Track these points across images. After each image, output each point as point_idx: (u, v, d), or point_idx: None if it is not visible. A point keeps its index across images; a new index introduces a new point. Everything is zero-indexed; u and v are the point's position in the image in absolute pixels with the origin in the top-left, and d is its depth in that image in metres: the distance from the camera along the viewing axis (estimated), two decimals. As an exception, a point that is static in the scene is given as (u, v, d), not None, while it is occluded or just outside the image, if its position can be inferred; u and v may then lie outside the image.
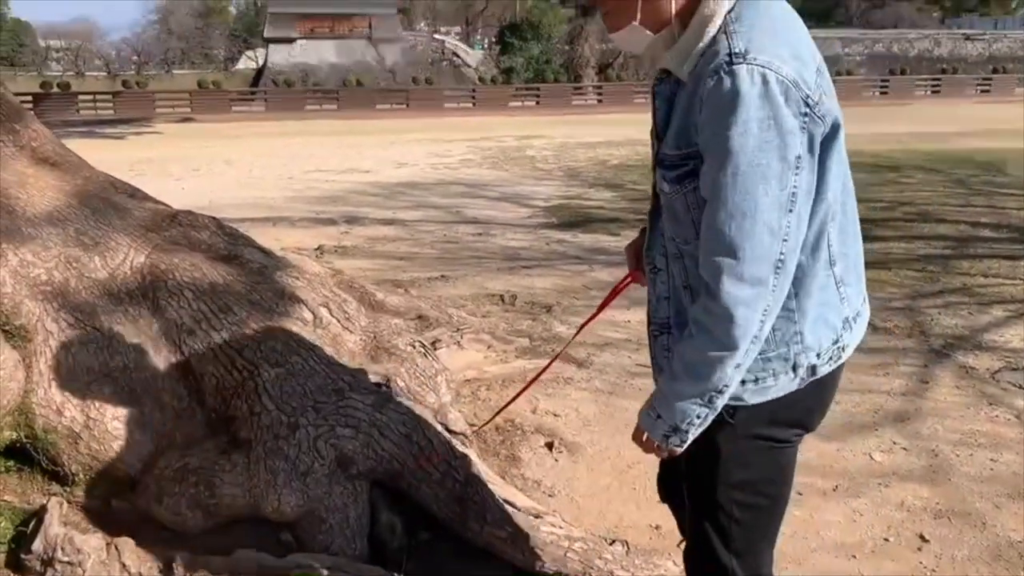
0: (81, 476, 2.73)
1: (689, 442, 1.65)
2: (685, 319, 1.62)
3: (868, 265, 1.80)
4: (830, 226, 1.59)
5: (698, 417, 1.60)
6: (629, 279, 1.96)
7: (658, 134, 1.65)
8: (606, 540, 2.85)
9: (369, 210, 10.01)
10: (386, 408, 2.78)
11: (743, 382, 1.64)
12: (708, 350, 1.53)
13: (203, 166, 14.71)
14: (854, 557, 3.06)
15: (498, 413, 2.80)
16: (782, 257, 1.47)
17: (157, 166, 14.51)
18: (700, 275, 1.54)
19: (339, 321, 3.17)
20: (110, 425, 2.72)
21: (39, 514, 2.56)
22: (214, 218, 3.43)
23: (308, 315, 3.07)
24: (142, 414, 2.78)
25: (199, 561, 2.51)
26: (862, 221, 1.74)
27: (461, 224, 9.07)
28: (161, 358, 2.87)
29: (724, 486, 1.76)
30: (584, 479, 3.50)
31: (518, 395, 2.31)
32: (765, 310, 1.51)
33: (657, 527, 3.11)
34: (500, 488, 2.80)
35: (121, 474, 2.73)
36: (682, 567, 2.02)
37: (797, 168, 1.44)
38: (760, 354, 1.61)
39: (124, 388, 2.78)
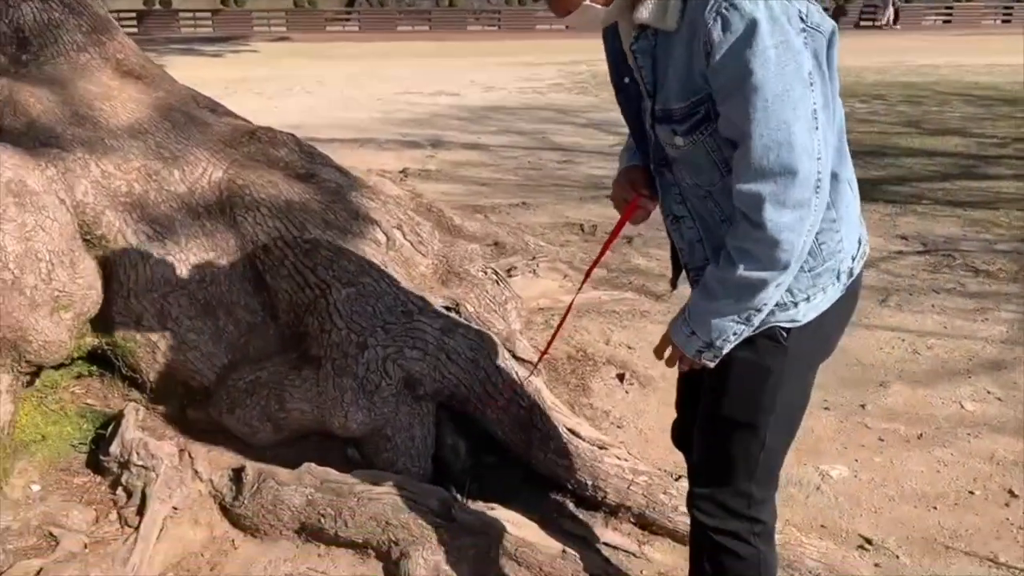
0: (158, 384, 2.81)
1: (721, 357, 1.63)
2: None
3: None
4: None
5: (735, 334, 1.58)
6: (634, 203, 1.83)
7: (648, 93, 1.59)
8: (672, 475, 2.80)
9: (455, 134, 9.94)
10: (454, 332, 2.75)
11: (795, 303, 1.60)
12: (753, 273, 1.49)
13: (296, 86, 14.84)
14: (935, 508, 2.94)
15: (543, 355, 2.75)
16: (819, 176, 1.45)
17: (252, 85, 14.71)
18: (736, 206, 1.49)
19: (412, 244, 3.15)
20: (185, 336, 2.77)
21: (117, 418, 2.65)
22: (293, 135, 3.42)
23: (381, 237, 3.05)
24: (216, 327, 2.83)
25: (266, 471, 2.57)
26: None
27: (545, 150, 8.93)
28: (237, 273, 2.90)
29: (766, 412, 1.71)
30: (654, 413, 3.44)
31: (555, 334, 2.24)
32: (808, 229, 1.48)
33: (726, 466, 3.05)
34: (566, 417, 2.76)
35: (196, 384, 2.80)
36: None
37: (811, 85, 1.42)
38: (810, 271, 1.58)
39: (200, 301, 2.83)
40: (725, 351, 1.62)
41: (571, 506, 2.72)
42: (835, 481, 3.06)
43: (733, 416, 1.74)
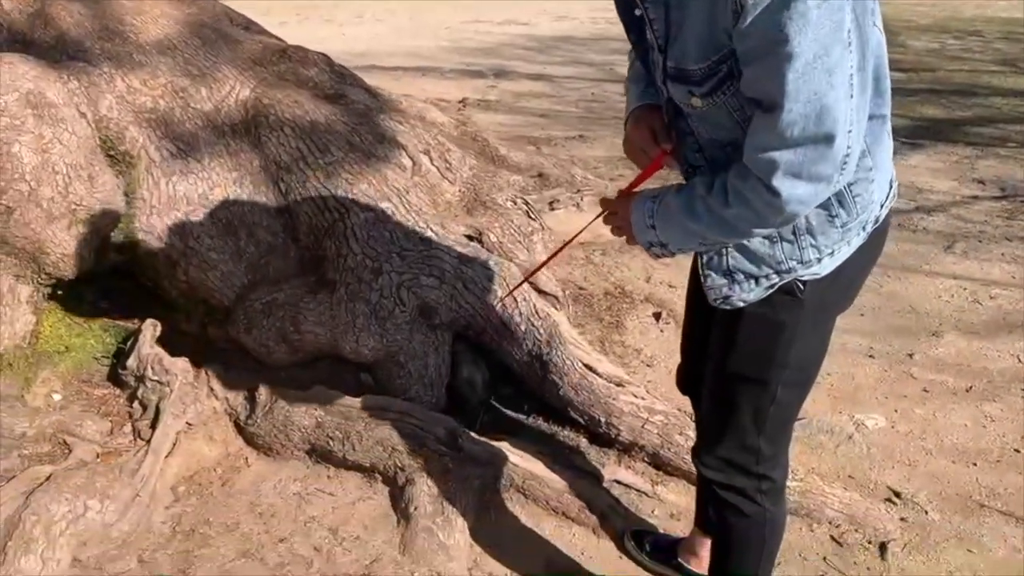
0: (180, 302, 2.83)
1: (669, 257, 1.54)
2: None
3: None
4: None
5: (693, 250, 1.51)
6: (658, 161, 1.60)
7: (660, 47, 1.40)
8: (690, 416, 2.70)
9: (520, 64, 9.73)
10: (473, 262, 2.68)
11: (820, 260, 1.49)
12: (742, 221, 1.38)
13: (366, 12, 14.71)
14: (974, 465, 2.79)
15: (522, 283, 2.64)
16: (848, 152, 1.28)
17: (323, 12, 14.64)
18: (747, 163, 1.34)
19: (439, 170, 3.07)
20: (206, 255, 2.77)
21: (136, 333, 2.68)
22: (324, 55, 3.35)
23: (407, 161, 2.98)
24: (238, 247, 2.82)
25: (278, 392, 2.57)
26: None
27: (610, 83, 8.67)
28: (259, 193, 2.87)
29: (779, 366, 1.59)
30: (686, 353, 3.34)
31: (547, 260, 2.08)
32: (818, 203, 1.36)
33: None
34: (584, 353, 2.68)
35: (216, 303, 2.81)
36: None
37: (849, 45, 1.23)
38: (842, 226, 1.47)
39: (221, 220, 2.82)
40: (675, 256, 1.53)
41: (584, 442, 2.67)
42: (869, 431, 2.92)
43: (742, 371, 1.64)
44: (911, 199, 5.20)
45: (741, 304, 1.55)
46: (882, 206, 1.52)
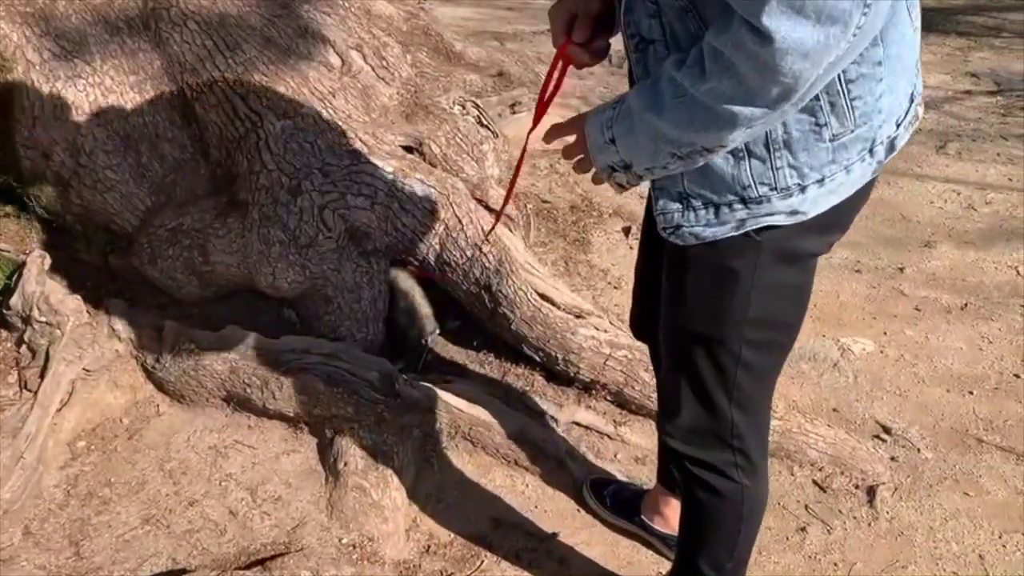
0: (78, 228, 2.47)
1: (634, 186, 1.18)
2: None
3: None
4: None
5: (665, 168, 1.12)
6: (562, 59, 1.29)
7: None
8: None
9: (488, -49, 9.07)
10: (410, 177, 2.32)
11: (803, 187, 1.11)
12: (722, 97, 0.98)
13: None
14: (970, 393, 2.53)
15: (490, 230, 2.31)
16: None
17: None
18: (733, 5, 0.94)
19: (373, 69, 2.66)
20: (102, 174, 2.39)
21: (22, 267, 2.32)
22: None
23: (335, 59, 2.57)
24: (139, 163, 2.43)
25: (186, 333, 2.24)
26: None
27: (583, -29, 8.08)
28: (162, 100, 2.47)
29: (736, 324, 1.28)
30: (656, 273, 3.03)
31: (511, 186, 1.72)
32: (832, 62, 0.93)
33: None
34: (540, 280, 2.36)
35: (117, 229, 2.45)
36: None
37: None
38: (832, 140, 1.09)
39: (119, 133, 2.43)
40: (642, 182, 1.18)
41: (540, 381, 2.37)
42: (856, 357, 2.65)
43: (694, 328, 1.33)
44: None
45: (694, 240, 1.20)
46: (899, 124, 1.14)
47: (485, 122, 2.80)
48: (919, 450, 2.31)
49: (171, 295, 2.41)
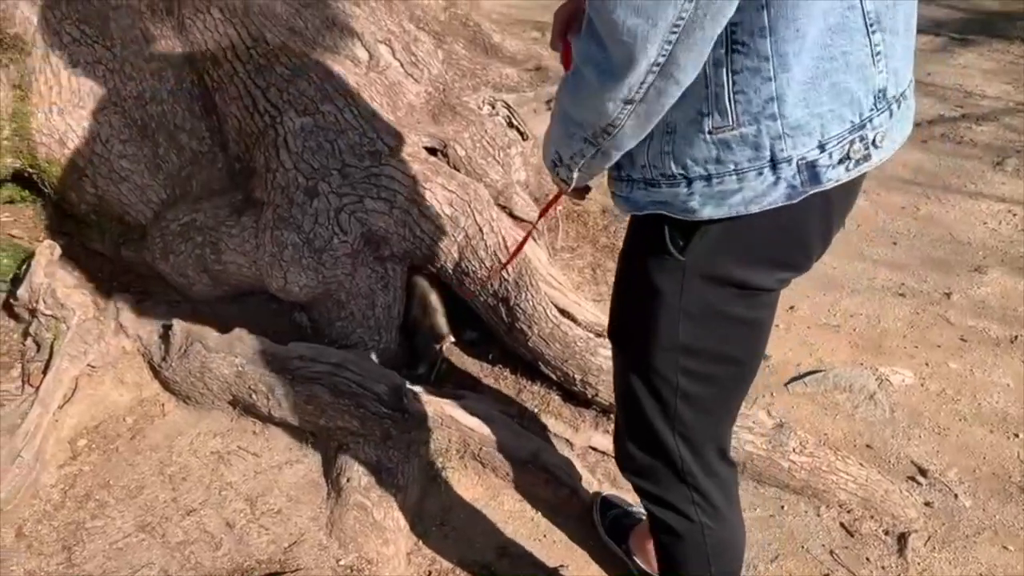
0: (92, 218, 2.41)
1: (579, 183, 1.17)
2: None
3: None
4: None
5: (582, 155, 1.09)
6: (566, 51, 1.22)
7: None
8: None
9: (535, -63, 8.91)
10: (431, 182, 2.22)
11: (688, 180, 1.04)
12: (590, 63, 0.96)
13: None
14: (1016, 436, 2.38)
15: (504, 266, 2.20)
16: None
17: None
18: None
19: (402, 64, 2.56)
20: (117, 163, 2.33)
21: (31, 257, 2.27)
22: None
23: (362, 53, 2.47)
24: (155, 154, 2.37)
25: (195, 333, 2.17)
26: None
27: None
28: (182, 90, 2.40)
29: (665, 350, 1.20)
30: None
31: (520, 247, 1.69)
32: (677, 24, 0.87)
33: (759, 363, 2.52)
34: (562, 295, 2.25)
35: (131, 220, 2.38)
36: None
37: None
38: (711, 133, 1.01)
39: (136, 121, 2.36)
40: (576, 176, 1.14)
41: (557, 400, 2.27)
42: (894, 389, 2.50)
43: (628, 350, 1.27)
44: (958, 104, 4.61)
45: (625, 205, 1.15)
46: (822, 147, 1.01)
47: (515, 123, 2.69)
48: (957, 496, 2.16)
49: (182, 292, 2.35)
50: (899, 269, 3.06)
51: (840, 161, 1.02)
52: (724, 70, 0.98)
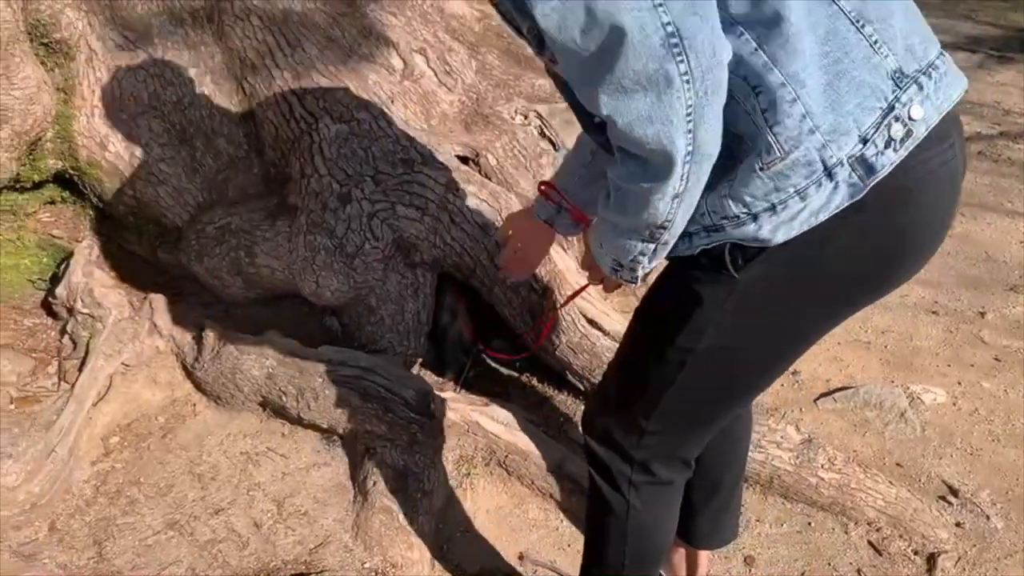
0: (130, 219, 2.45)
1: (644, 276, 1.20)
2: None
3: None
4: None
5: (643, 255, 1.14)
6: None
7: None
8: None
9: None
10: (463, 190, 2.24)
11: (754, 215, 1.07)
12: (633, 178, 1.03)
13: None
14: (1053, 459, 2.34)
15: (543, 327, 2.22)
16: (669, 27, 0.90)
17: None
18: None
19: (436, 74, 2.59)
20: (155, 167, 2.37)
21: (69, 257, 2.32)
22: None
23: (397, 62, 2.50)
24: (193, 158, 2.41)
25: (227, 335, 2.20)
26: None
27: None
28: (220, 95, 2.44)
29: (682, 349, 1.23)
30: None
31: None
32: (689, 112, 0.93)
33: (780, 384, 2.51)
34: (591, 304, 2.26)
35: (167, 223, 2.43)
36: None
37: None
38: (763, 169, 1.04)
39: (175, 126, 2.40)
40: (642, 273, 1.19)
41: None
42: (926, 408, 2.48)
43: (645, 330, 1.32)
44: (995, 122, 4.57)
45: (685, 253, 1.18)
46: (864, 140, 1.04)
47: (547, 133, 2.70)
48: (988, 517, 2.13)
49: (216, 294, 2.38)
50: (933, 287, 3.03)
51: (886, 145, 1.04)
52: (756, 114, 1.03)
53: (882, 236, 1.12)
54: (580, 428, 1.51)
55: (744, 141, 1.05)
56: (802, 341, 1.27)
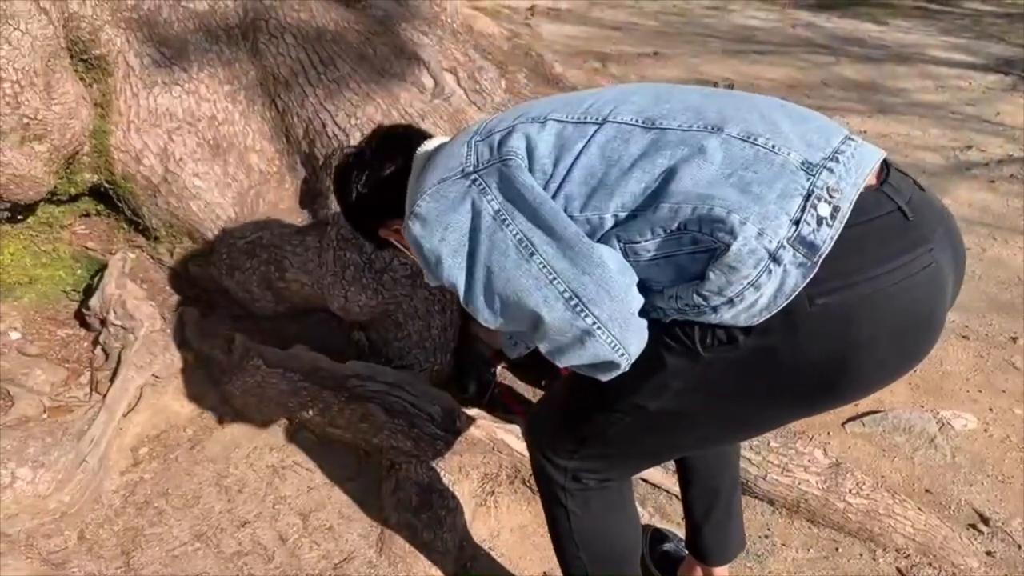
0: (163, 232, 2.48)
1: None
2: None
3: None
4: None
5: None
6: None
7: None
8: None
9: (598, -31, 9.00)
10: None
11: (714, 308, 1.13)
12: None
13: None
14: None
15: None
16: (566, 293, 1.15)
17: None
18: None
19: (466, 92, 2.61)
20: (189, 181, 2.40)
21: (104, 269, 2.35)
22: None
23: (427, 80, 2.53)
24: (226, 173, 2.44)
25: (255, 348, 2.22)
26: None
27: (696, -6, 7.93)
28: (253, 112, 2.47)
29: (628, 400, 1.27)
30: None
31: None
32: (614, 346, 1.15)
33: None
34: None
35: (199, 237, 2.45)
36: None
37: (504, 223, 1.20)
38: (715, 264, 1.10)
39: (209, 141, 2.44)
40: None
41: (609, 429, 2.26)
42: (956, 434, 2.45)
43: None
44: (1027, 146, 4.52)
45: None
46: (797, 223, 1.08)
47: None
48: (1020, 546, 2.10)
49: (245, 307, 2.40)
50: (963, 311, 3.00)
51: (819, 223, 1.08)
52: (693, 243, 1.12)
53: (841, 343, 1.13)
54: (524, 435, 1.58)
55: (692, 260, 1.13)
56: (752, 428, 1.34)
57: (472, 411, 2.14)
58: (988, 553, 2.08)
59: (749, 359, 1.15)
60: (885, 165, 1.19)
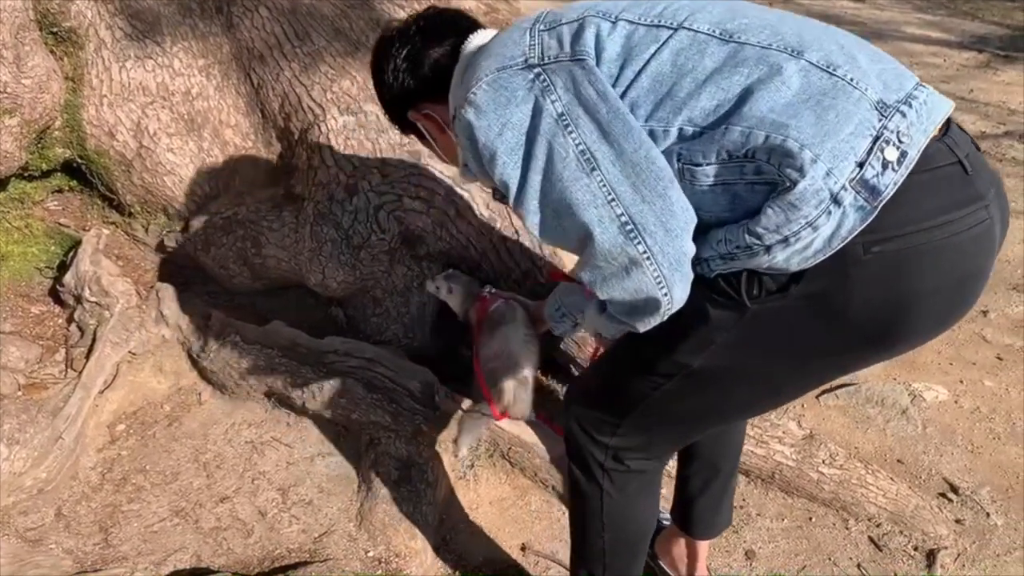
0: (137, 208, 2.46)
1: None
2: None
3: None
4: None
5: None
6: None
7: None
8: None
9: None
10: (470, 184, 2.25)
11: (767, 247, 1.08)
12: (621, 316, 1.22)
13: None
14: (1050, 457, 2.35)
15: None
16: (623, 217, 1.10)
17: None
18: None
19: (443, 66, 2.59)
20: (163, 157, 2.38)
21: (77, 245, 2.33)
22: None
23: (404, 54, 2.51)
24: (200, 148, 2.41)
25: (233, 325, 2.21)
26: None
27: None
28: (228, 86, 2.45)
29: (673, 361, 1.25)
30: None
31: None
32: (659, 281, 1.11)
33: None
34: (595, 298, 2.26)
35: (174, 213, 2.43)
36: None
37: (567, 128, 1.13)
38: (776, 201, 1.07)
39: (183, 116, 2.41)
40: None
41: (587, 403, 2.27)
42: (927, 405, 2.49)
43: (643, 339, 1.27)
44: (1000, 121, 4.57)
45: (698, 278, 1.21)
46: (862, 165, 1.05)
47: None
48: (988, 514, 2.14)
49: (222, 284, 2.39)
50: (935, 285, 3.03)
51: (884, 167, 1.05)
52: (765, 162, 1.08)
53: (894, 292, 1.11)
54: (564, 411, 1.52)
55: (757, 196, 1.10)
56: (792, 387, 1.28)
57: (450, 386, 2.15)
58: (957, 521, 2.13)
59: (798, 308, 1.12)
60: (947, 119, 1.16)
